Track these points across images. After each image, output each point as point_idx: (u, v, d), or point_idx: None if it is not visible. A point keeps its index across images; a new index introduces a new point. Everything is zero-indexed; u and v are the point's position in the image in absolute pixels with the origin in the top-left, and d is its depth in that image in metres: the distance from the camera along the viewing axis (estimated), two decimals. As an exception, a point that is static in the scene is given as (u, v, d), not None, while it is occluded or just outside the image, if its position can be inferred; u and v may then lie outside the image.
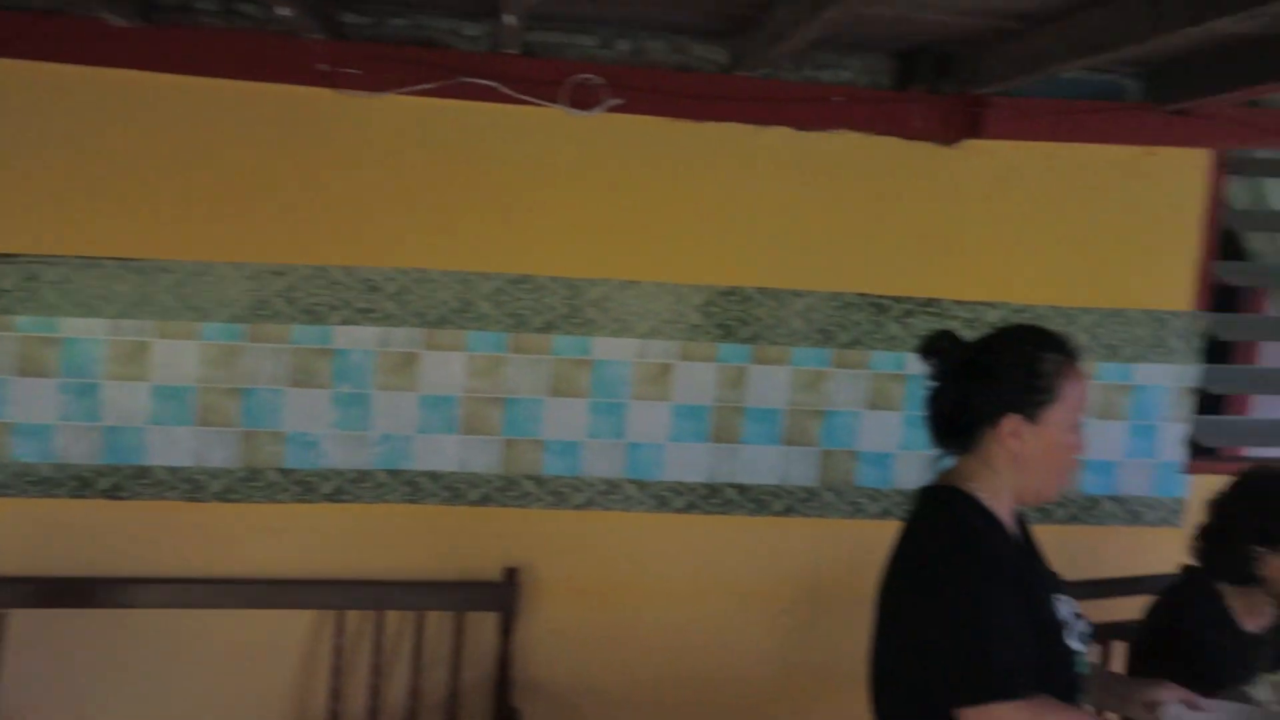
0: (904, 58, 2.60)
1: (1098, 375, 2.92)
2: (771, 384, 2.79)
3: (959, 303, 2.82)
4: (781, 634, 2.88)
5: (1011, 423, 1.56)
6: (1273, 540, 1.99)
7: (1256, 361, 4.06)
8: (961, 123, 2.64)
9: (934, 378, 1.64)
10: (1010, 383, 1.57)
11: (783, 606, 2.87)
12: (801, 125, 2.63)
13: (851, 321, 2.80)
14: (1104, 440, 2.97)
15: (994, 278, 2.82)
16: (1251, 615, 2.12)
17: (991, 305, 2.83)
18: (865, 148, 2.68)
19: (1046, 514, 2.94)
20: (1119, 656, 2.46)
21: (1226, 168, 2.91)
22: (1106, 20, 1.95)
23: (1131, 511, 3.01)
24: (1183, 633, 2.10)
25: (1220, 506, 2.15)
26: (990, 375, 1.58)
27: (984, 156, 2.73)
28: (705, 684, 2.85)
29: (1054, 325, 2.76)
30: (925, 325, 2.80)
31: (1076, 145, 2.72)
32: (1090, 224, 2.83)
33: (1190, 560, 2.19)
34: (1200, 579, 2.15)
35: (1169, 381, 2.96)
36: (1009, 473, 1.59)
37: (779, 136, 2.65)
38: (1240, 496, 2.12)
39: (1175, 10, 1.77)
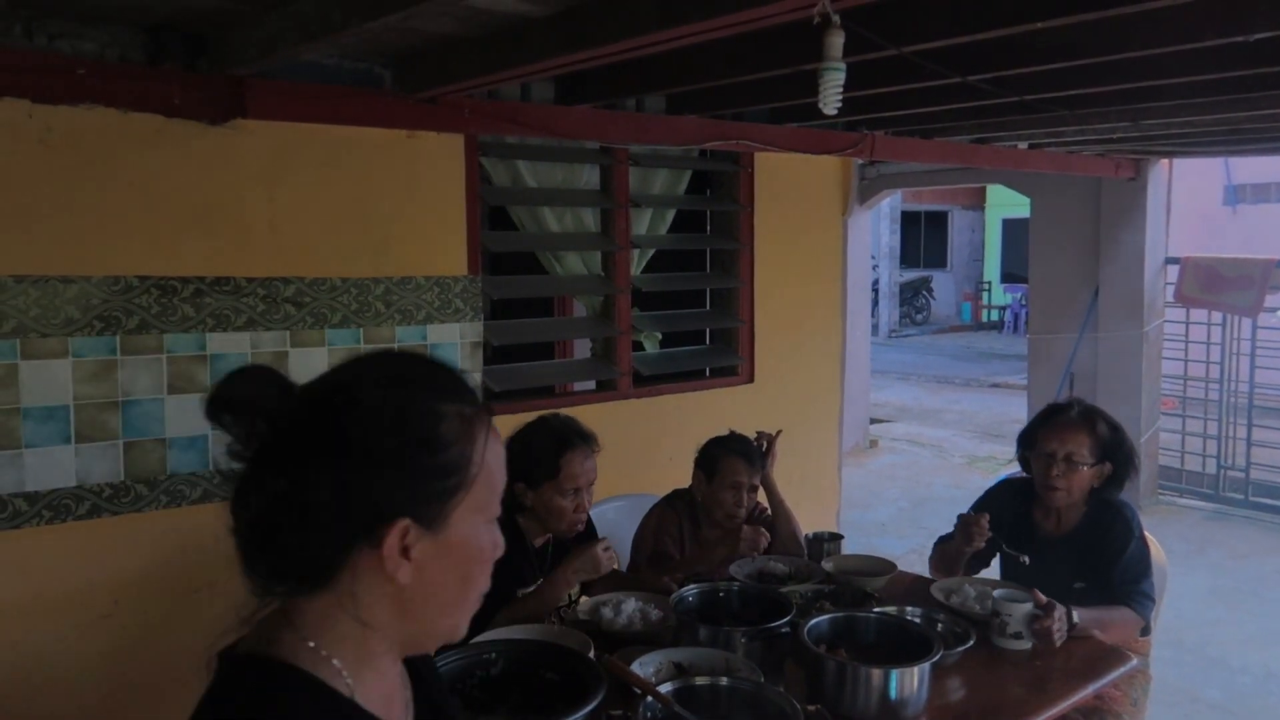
0: (153, 32, 2.56)
1: (398, 339, 3.22)
2: (49, 380, 2.57)
3: (252, 280, 2.88)
4: (109, 639, 2.71)
5: (400, 533, 0.89)
6: (527, 479, 2.41)
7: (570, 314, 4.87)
8: (227, 102, 2.69)
9: (243, 456, 0.91)
10: (396, 463, 0.89)
11: (103, 611, 2.70)
12: (40, 97, 2.44)
13: (137, 306, 2.69)
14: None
15: (284, 254, 2.94)
16: (535, 535, 2.54)
17: (286, 280, 2.95)
18: (123, 124, 2.59)
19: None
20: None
21: (480, 151, 3.40)
22: (316, 8, 2.15)
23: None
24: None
25: None
26: (354, 449, 0.88)
27: (256, 135, 2.82)
28: (27, 710, 2.57)
29: (350, 297, 3.06)
30: (220, 304, 2.82)
31: (344, 127, 2.94)
32: (368, 200, 3.10)
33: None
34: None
35: (459, 338, 3.38)
36: (391, 619, 0.93)
37: (12, 109, 2.43)
38: (510, 446, 2.53)
39: (358, 6, 2.02)
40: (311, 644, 0.90)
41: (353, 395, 0.90)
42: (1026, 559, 2.69)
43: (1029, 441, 2.72)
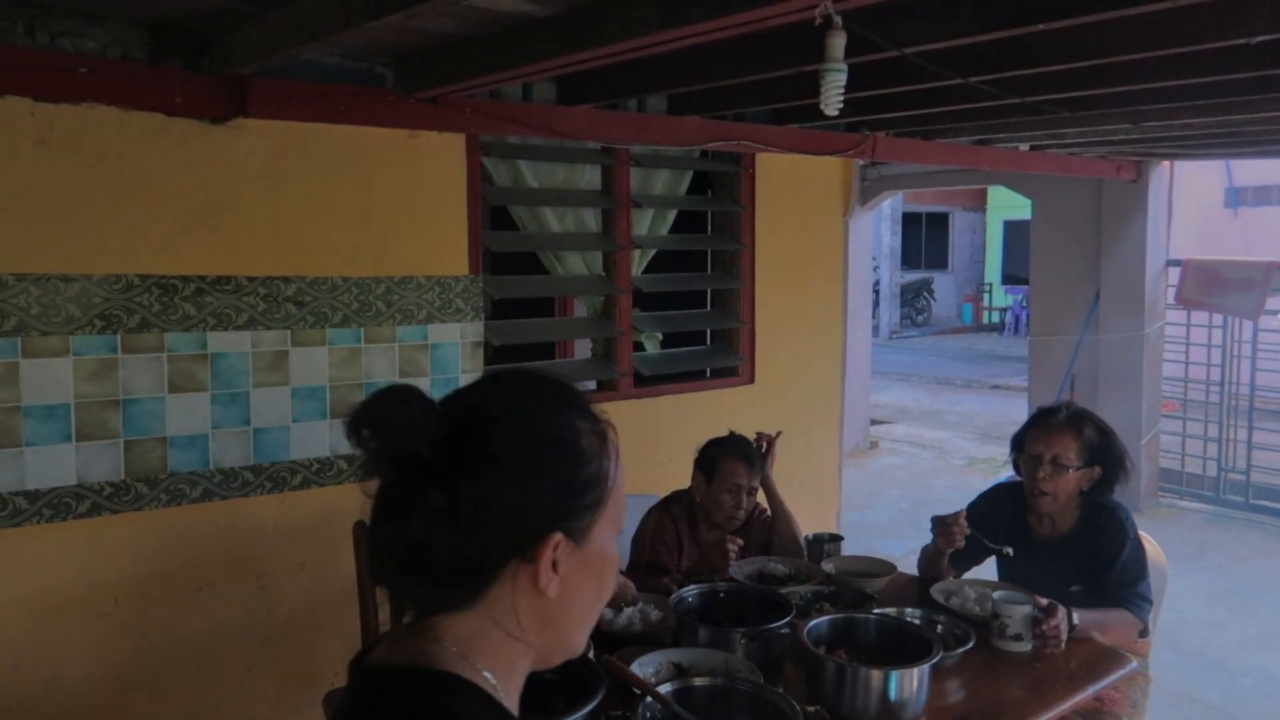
0: (155, 31, 2.56)
1: (399, 339, 3.22)
2: (50, 378, 2.57)
3: (253, 279, 2.88)
4: (109, 637, 2.72)
5: (553, 547, 0.90)
6: None
7: (572, 314, 4.89)
8: (228, 101, 2.69)
9: (388, 478, 0.89)
10: (550, 478, 0.91)
11: (103, 610, 2.70)
12: (42, 95, 2.44)
13: (138, 304, 2.69)
14: (413, 396, 3.29)
15: (285, 252, 2.94)
16: None
17: (287, 279, 2.95)
18: (125, 122, 2.59)
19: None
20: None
21: (481, 150, 3.40)
22: (319, 7, 2.15)
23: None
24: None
25: None
26: (513, 466, 0.89)
27: (257, 135, 2.82)
28: (27, 709, 2.58)
29: (351, 297, 3.06)
30: (221, 303, 2.82)
31: (345, 127, 2.94)
32: (370, 199, 3.10)
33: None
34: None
35: (459, 338, 3.38)
36: (534, 632, 0.93)
37: (14, 107, 2.44)
38: None
39: (361, 6, 2.03)
40: (464, 657, 0.90)
41: (504, 413, 0.92)
42: (1009, 550, 2.68)
43: (1019, 445, 2.72)
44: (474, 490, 0.87)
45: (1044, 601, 2.27)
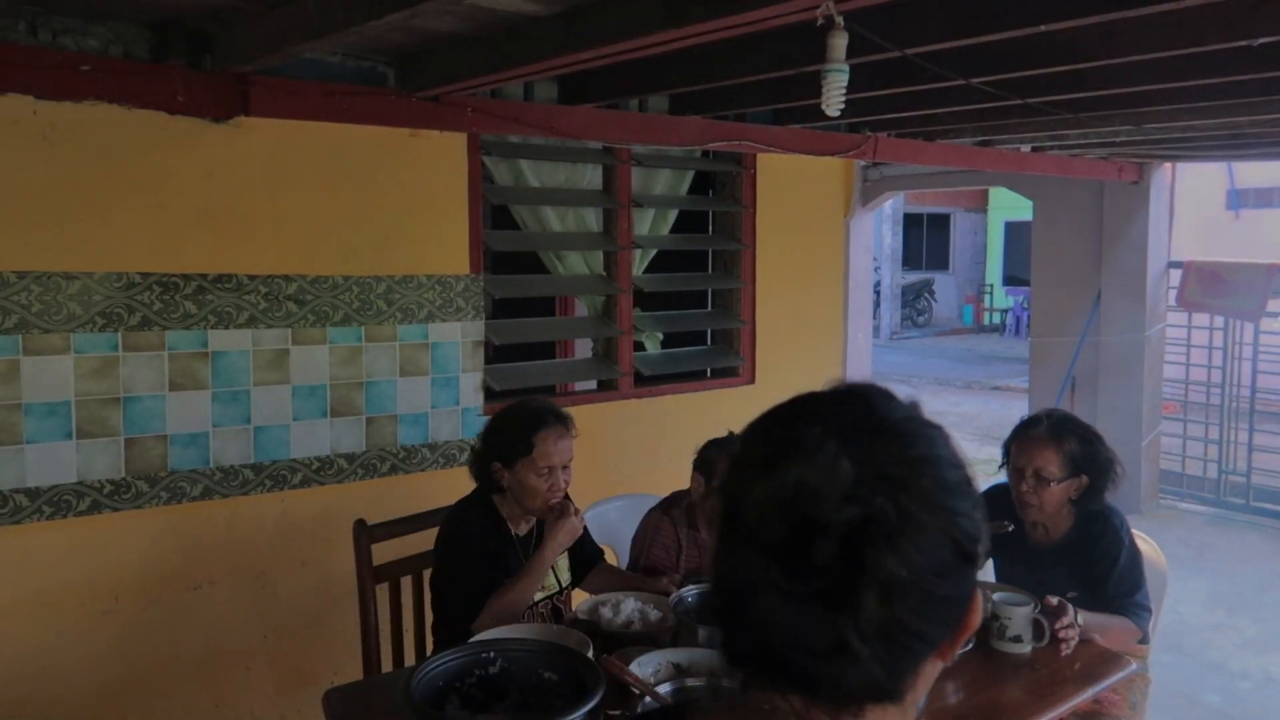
0: (157, 29, 2.57)
1: (399, 338, 3.23)
2: (51, 376, 2.57)
3: (254, 277, 2.89)
4: (109, 635, 2.72)
5: (977, 612, 0.79)
6: (503, 458, 2.41)
7: (572, 314, 4.89)
8: (230, 100, 2.69)
9: (828, 556, 0.72)
10: (972, 526, 0.77)
11: (103, 607, 2.71)
12: (44, 93, 2.45)
13: (139, 302, 2.70)
14: (413, 395, 3.30)
15: (286, 251, 2.94)
16: (519, 522, 2.54)
17: (288, 278, 2.95)
18: (127, 121, 2.60)
19: (370, 469, 3.18)
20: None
21: (482, 150, 3.40)
22: (320, 6, 2.15)
23: (446, 455, 3.39)
24: (461, 538, 2.45)
25: (481, 434, 2.55)
26: (948, 517, 0.75)
27: (259, 133, 2.83)
28: (27, 706, 2.58)
29: (352, 295, 3.06)
30: (222, 301, 2.83)
31: (347, 126, 2.94)
32: (371, 198, 3.10)
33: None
34: (477, 496, 2.53)
35: (460, 337, 3.38)
36: (917, 700, 0.81)
37: (16, 105, 2.44)
38: (488, 426, 2.55)
39: (362, 5, 2.03)
40: None
41: (924, 454, 0.76)
42: (1009, 525, 2.66)
43: (1007, 454, 2.72)
44: (923, 555, 0.73)
45: (1054, 601, 2.26)
